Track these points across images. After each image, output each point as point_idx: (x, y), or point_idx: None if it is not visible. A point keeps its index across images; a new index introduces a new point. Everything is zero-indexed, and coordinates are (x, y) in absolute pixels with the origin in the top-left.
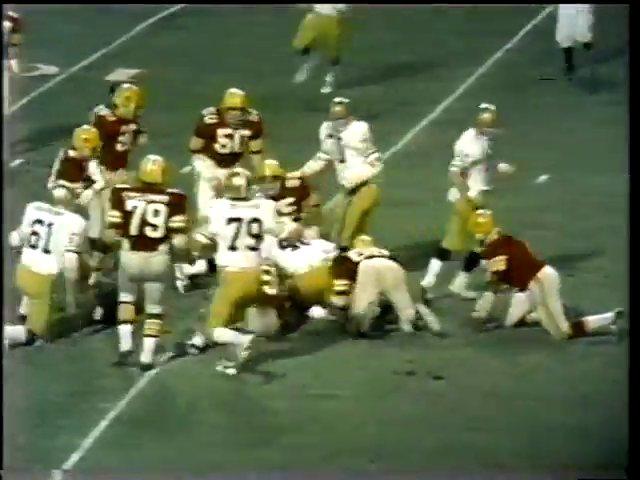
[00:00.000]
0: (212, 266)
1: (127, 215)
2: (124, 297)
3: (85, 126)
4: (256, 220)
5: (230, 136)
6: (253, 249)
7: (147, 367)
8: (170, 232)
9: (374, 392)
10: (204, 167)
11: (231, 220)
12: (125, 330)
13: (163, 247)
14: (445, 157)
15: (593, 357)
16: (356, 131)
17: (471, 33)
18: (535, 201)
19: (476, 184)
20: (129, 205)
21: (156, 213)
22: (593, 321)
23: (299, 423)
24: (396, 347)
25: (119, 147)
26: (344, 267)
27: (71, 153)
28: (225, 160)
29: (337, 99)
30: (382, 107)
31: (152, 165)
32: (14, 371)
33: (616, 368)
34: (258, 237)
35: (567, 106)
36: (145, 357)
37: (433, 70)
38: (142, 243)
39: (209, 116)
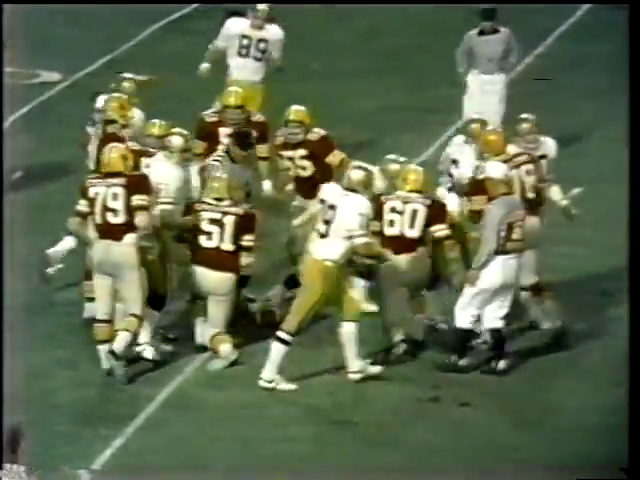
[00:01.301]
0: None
1: (91, 203)
2: (99, 315)
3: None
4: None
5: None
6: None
7: (114, 355)
8: (132, 215)
9: (397, 420)
10: (198, 180)
11: (330, 207)
12: (104, 350)
13: (130, 238)
14: None
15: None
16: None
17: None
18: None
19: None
20: (92, 192)
21: (115, 197)
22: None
23: (319, 450)
24: (419, 371)
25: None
26: None
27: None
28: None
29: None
30: (405, 117)
31: (110, 153)
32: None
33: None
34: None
35: (601, 113)
36: (116, 346)
37: (450, 77)
38: (106, 230)
39: (208, 115)
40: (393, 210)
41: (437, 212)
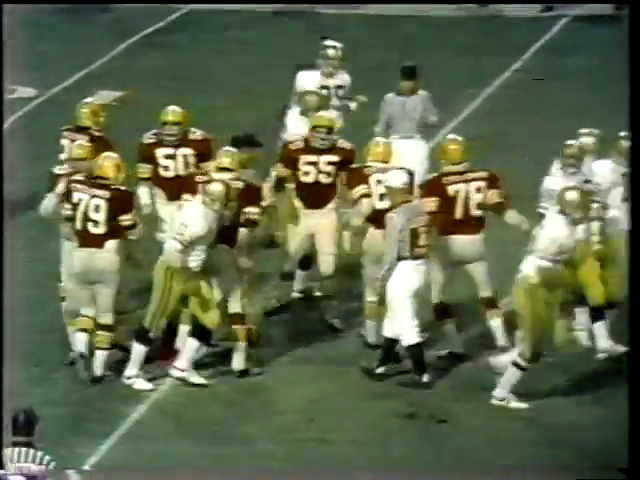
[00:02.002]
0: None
1: (74, 207)
2: (83, 311)
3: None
4: None
5: (171, 156)
6: None
7: (98, 379)
8: (118, 230)
9: (373, 436)
10: (147, 197)
11: None
12: (80, 337)
13: (111, 245)
14: None
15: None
16: None
17: (477, 52)
18: None
19: None
20: (75, 197)
21: (97, 208)
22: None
23: (293, 468)
24: (396, 388)
25: None
26: None
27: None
28: (172, 187)
29: None
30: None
31: (104, 161)
32: None
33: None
34: None
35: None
36: (97, 369)
37: (435, 93)
38: (87, 238)
39: (147, 136)
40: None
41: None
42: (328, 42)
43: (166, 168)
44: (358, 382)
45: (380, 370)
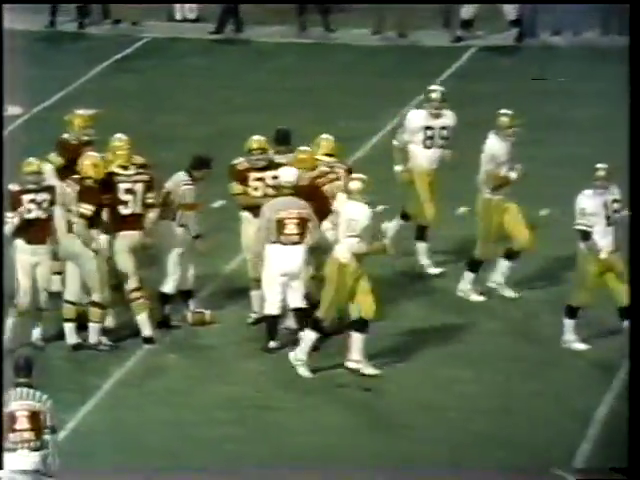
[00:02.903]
0: None
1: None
2: (68, 296)
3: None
4: None
5: (260, 179)
6: None
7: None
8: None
9: (310, 403)
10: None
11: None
12: (69, 327)
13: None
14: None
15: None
16: None
17: (397, 76)
18: None
19: None
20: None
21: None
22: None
23: (243, 433)
24: (329, 362)
25: None
26: None
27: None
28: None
29: None
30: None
31: (85, 160)
32: None
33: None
34: None
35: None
36: (91, 338)
37: (364, 110)
38: (70, 227)
39: (239, 162)
40: None
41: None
42: (432, 87)
43: (255, 189)
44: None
45: (272, 345)
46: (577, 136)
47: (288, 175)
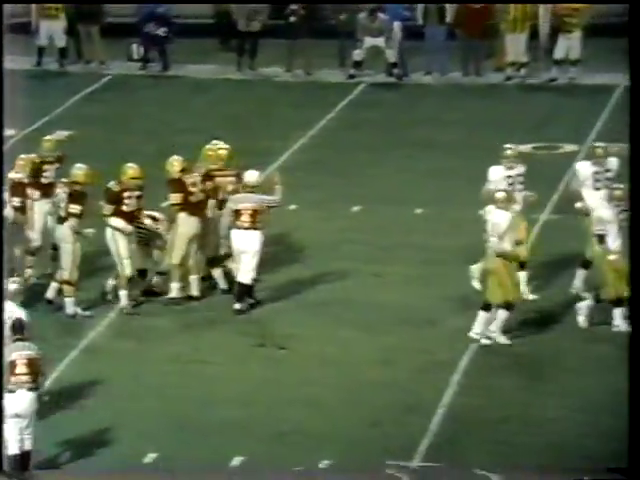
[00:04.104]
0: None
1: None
2: (66, 276)
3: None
4: None
5: None
6: None
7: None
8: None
9: (236, 360)
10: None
11: None
12: (69, 301)
13: (68, 223)
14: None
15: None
16: None
17: (303, 106)
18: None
19: None
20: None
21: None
22: None
23: (183, 382)
24: (255, 327)
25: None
26: None
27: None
28: None
29: None
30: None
31: (76, 170)
32: None
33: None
34: None
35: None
36: (68, 310)
37: (278, 132)
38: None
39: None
40: None
41: None
42: (506, 145)
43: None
44: (229, 322)
45: (237, 306)
46: (443, 154)
47: (251, 176)
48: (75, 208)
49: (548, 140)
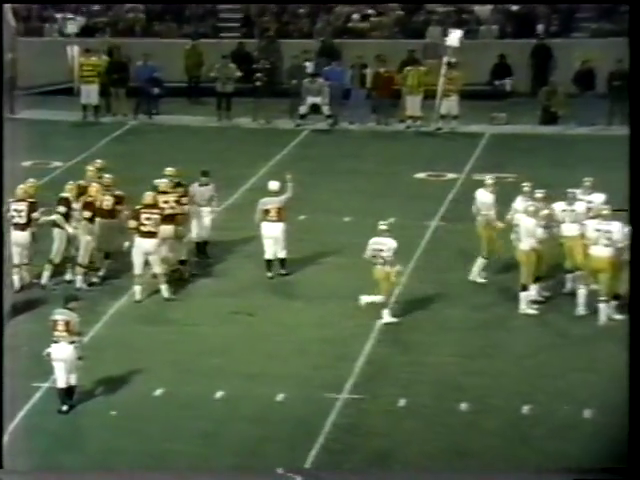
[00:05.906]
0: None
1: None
2: (54, 258)
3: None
4: None
5: None
6: None
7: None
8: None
9: (215, 323)
10: None
11: None
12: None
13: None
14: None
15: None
16: None
17: (264, 145)
18: None
19: None
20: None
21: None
22: None
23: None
24: (231, 297)
25: None
26: None
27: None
28: None
29: None
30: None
31: (68, 186)
32: None
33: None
34: None
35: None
36: (43, 281)
37: (245, 163)
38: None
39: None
40: None
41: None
42: (570, 190)
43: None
44: (212, 295)
45: (269, 275)
46: (363, 179)
47: (273, 185)
48: (61, 210)
49: (437, 170)
